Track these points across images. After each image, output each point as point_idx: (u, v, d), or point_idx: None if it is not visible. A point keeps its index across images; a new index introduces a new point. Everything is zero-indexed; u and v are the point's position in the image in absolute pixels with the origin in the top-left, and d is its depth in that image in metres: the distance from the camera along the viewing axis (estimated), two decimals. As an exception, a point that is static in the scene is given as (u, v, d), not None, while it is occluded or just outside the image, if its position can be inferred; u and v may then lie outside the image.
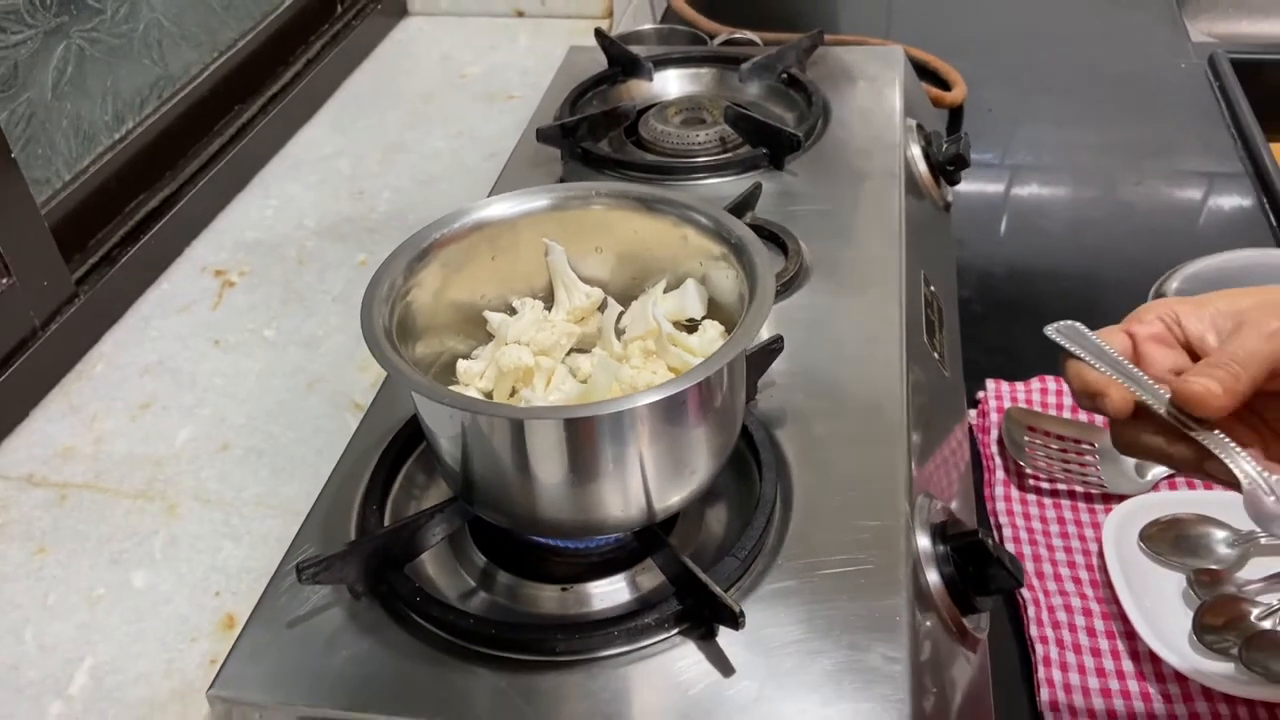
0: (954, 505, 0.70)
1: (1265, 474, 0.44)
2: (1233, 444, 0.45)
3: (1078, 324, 0.50)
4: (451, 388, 0.54)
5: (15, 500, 0.68)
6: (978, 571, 0.53)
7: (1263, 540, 0.67)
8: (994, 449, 0.76)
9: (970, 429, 0.79)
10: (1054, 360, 0.83)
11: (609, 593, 0.53)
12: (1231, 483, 0.45)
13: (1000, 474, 0.75)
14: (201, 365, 0.78)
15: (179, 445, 0.71)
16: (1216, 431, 0.45)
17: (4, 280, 0.73)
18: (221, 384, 0.76)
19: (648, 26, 1.22)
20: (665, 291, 0.57)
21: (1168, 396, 0.46)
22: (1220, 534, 0.67)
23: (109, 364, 0.78)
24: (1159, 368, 0.48)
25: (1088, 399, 0.48)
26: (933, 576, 0.53)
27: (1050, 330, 0.50)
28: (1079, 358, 0.48)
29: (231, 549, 0.64)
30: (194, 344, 0.80)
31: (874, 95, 0.90)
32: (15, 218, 0.74)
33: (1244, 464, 0.44)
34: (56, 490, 0.69)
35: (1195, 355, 0.48)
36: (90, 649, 0.59)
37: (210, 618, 0.60)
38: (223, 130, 0.98)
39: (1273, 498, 0.43)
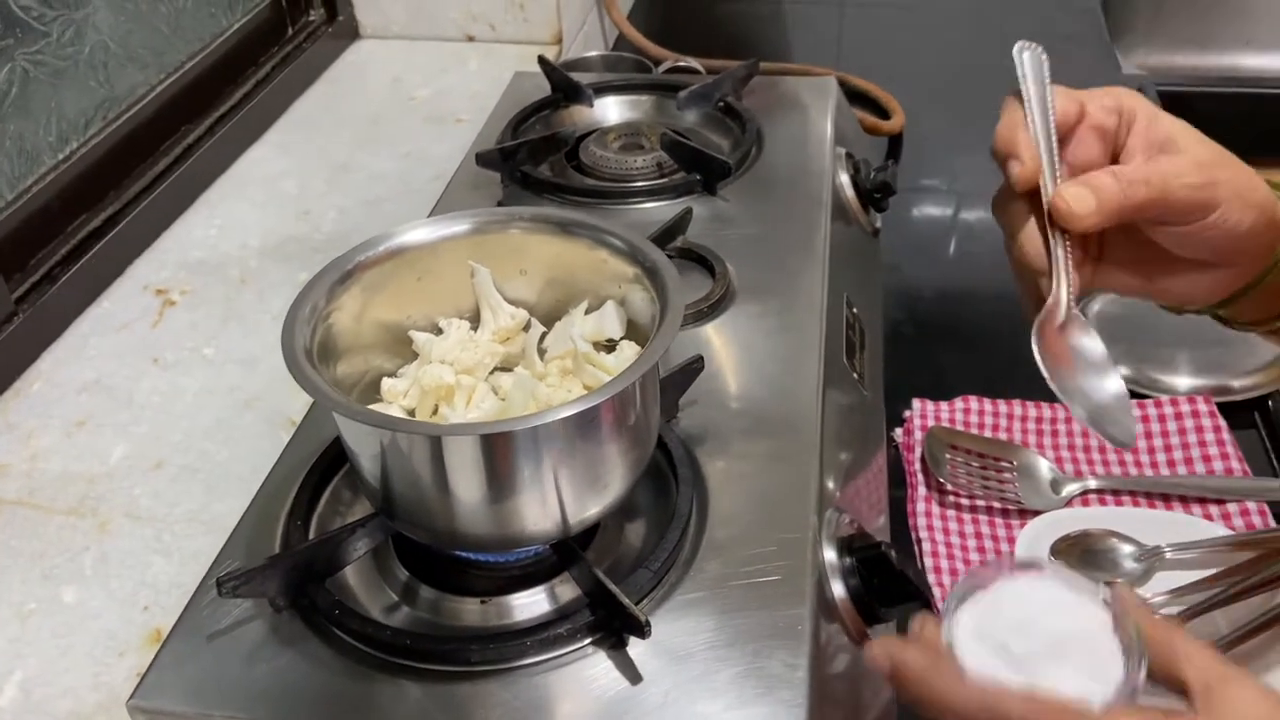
0: (880, 521, 0.72)
1: (1074, 308, 0.46)
2: (1067, 267, 0.47)
3: (1044, 54, 0.50)
4: (375, 406, 0.56)
5: (-52, 517, 0.69)
6: (882, 583, 0.55)
7: (1168, 555, 0.69)
8: (917, 466, 0.79)
9: (896, 447, 0.81)
10: (977, 381, 0.86)
11: (528, 605, 0.55)
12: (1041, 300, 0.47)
13: (923, 490, 0.77)
14: (139, 383, 0.79)
15: (113, 463, 0.72)
16: (1066, 243, 0.47)
17: (-59, 298, 0.74)
18: (159, 402, 0.77)
19: (595, 53, 1.25)
20: (586, 313, 0.59)
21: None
22: (1127, 549, 0.70)
23: (47, 382, 0.79)
24: (1080, 155, 0.49)
25: (1001, 153, 0.49)
26: (838, 588, 0.55)
27: (1017, 50, 0.50)
28: (1021, 105, 0.48)
29: (162, 565, 0.65)
30: (132, 362, 0.81)
31: (806, 124, 0.93)
32: (-46, 237, 0.75)
33: (1062, 291, 0.46)
34: (-10, 506, 0.69)
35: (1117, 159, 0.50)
36: (20, 662, 0.60)
37: (138, 632, 0.61)
38: (169, 150, 0.99)
39: (1060, 324, 0.45)
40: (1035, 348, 0.48)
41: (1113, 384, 0.47)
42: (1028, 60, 0.50)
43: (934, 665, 0.42)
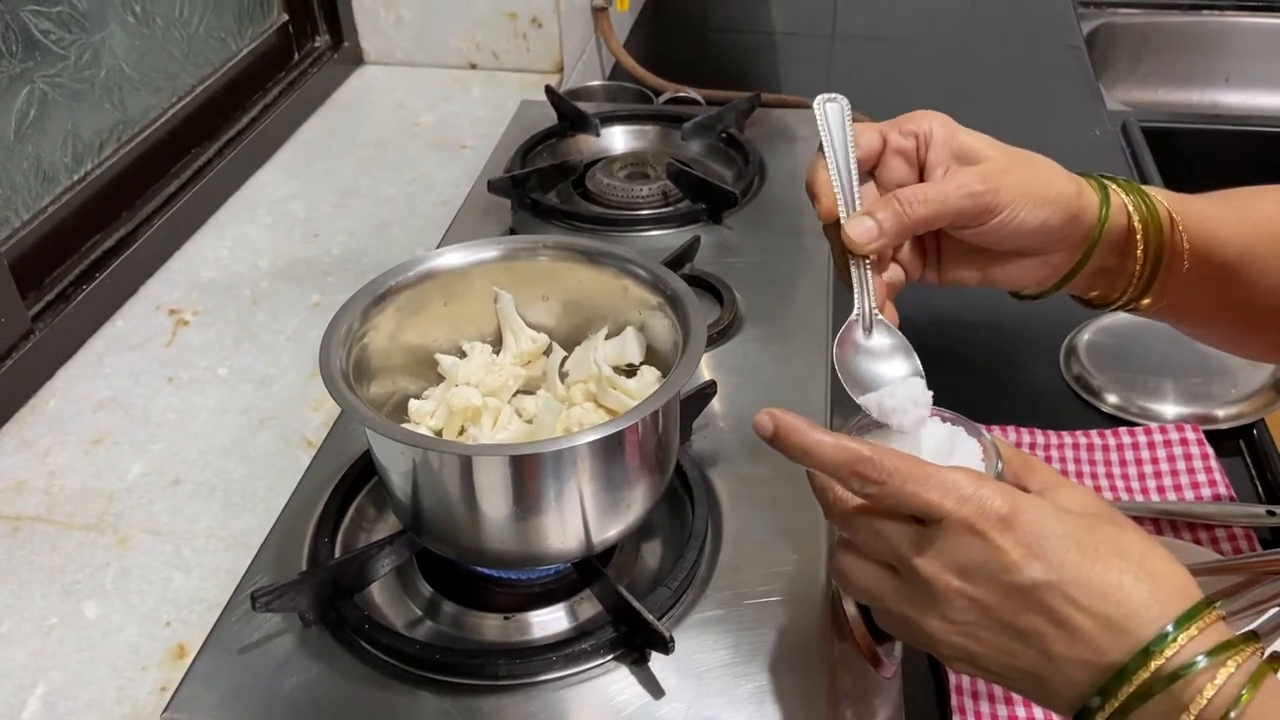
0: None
1: (876, 314, 0.53)
2: (868, 280, 0.54)
3: (845, 103, 0.56)
4: (402, 426, 0.57)
5: (-33, 532, 0.69)
6: (892, 602, 0.57)
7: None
8: (915, 490, 0.81)
9: (894, 471, 0.83)
10: (973, 407, 0.88)
11: (549, 621, 0.57)
12: None
13: (921, 514, 0.79)
14: (155, 401, 0.80)
15: (131, 479, 0.73)
16: (866, 262, 0.54)
17: (-38, 316, 0.75)
18: (174, 420, 0.78)
19: (596, 83, 1.28)
20: (606, 338, 0.61)
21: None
22: (1120, 571, 0.72)
23: (63, 399, 0.80)
24: (890, 178, 0.56)
25: (809, 193, 0.56)
26: (849, 607, 0.57)
27: (818, 104, 0.56)
28: (823, 153, 0.55)
29: (182, 580, 0.66)
30: (147, 381, 0.82)
31: (807, 155, 0.95)
32: (-25, 255, 0.76)
33: (866, 300, 0.53)
34: (9, 522, 0.70)
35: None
36: (43, 676, 0.60)
37: (161, 647, 0.62)
38: (180, 172, 1.00)
39: (862, 334, 0.53)
40: (835, 356, 0.54)
41: (905, 386, 0.52)
42: (830, 111, 0.56)
43: (810, 425, 0.46)
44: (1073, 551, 0.41)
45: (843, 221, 0.54)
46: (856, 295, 0.54)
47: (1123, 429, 0.85)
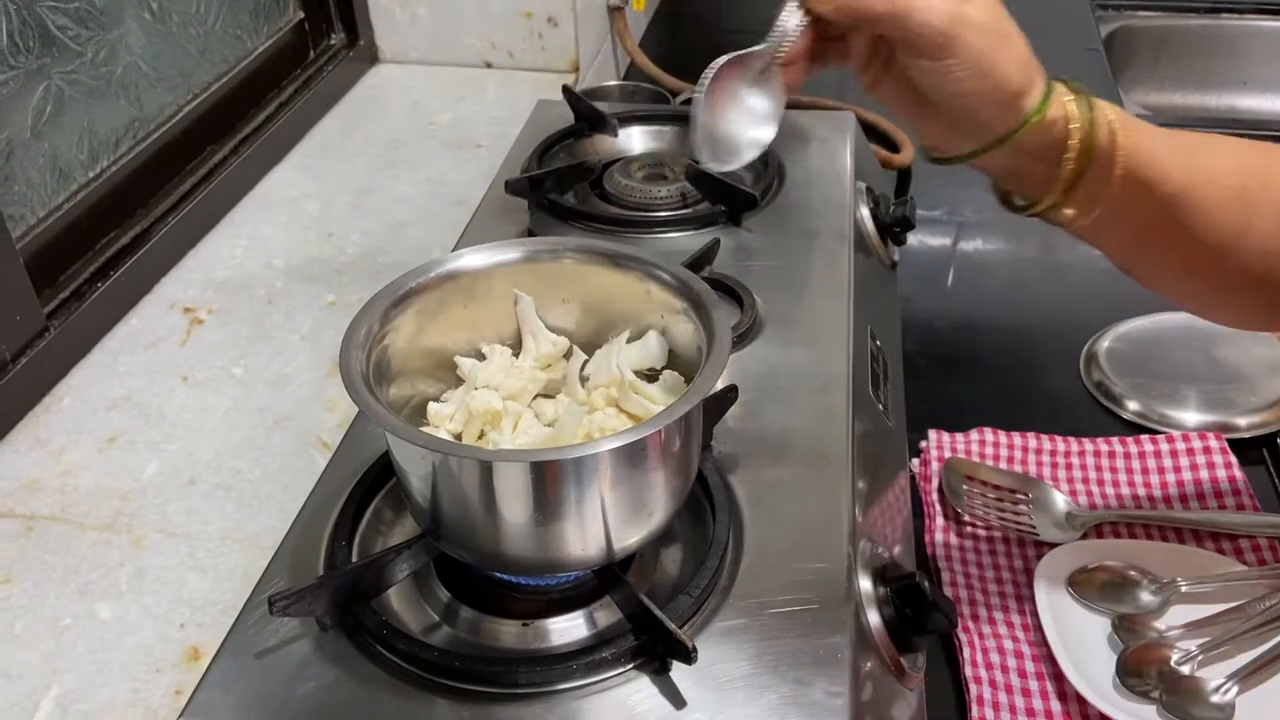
0: (896, 549, 0.73)
1: (788, 42, 0.52)
2: (797, 18, 0.53)
3: None
4: (422, 429, 0.57)
5: (-19, 531, 0.69)
6: (915, 613, 0.57)
7: (1184, 588, 0.71)
8: (935, 496, 0.80)
9: (913, 477, 0.83)
10: (990, 413, 0.88)
11: (567, 628, 0.56)
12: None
13: (940, 520, 0.79)
14: (169, 401, 0.79)
15: (146, 479, 0.73)
16: (805, 17, 0.54)
17: (-23, 313, 0.74)
18: (189, 420, 0.78)
19: (612, 83, 1.27)
20: (628, 342, 0.60)
21: None
22: (1144, 582, 0.71)
23: (77, 398, 0.80)
24: None
25: None
26: (873, 617, 0.56)
27: None
28: None
29: (197, 582, 0.66)
30: (162, 380, 0.81)
31: (826, 157, 0.95)
32: (-9, 253, 0.76)
33: (788, 23, 0.53)
34: (23, 522, 0.70)
35: None
36: (56, 678, 0.60)
37: (175, 649, 0.62)
38: (194, 170, 1.00)
39: (759, 72, 0.51)
40: (708, 73, 0.54)
41: (754, 131, 0.53)
42: None
43: None
44: None
45: None
46: (776, 29, 0.53)
47: (1145, 436, 0.84)
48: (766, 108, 0.52)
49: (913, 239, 1.14)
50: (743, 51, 0.52)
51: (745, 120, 0.52)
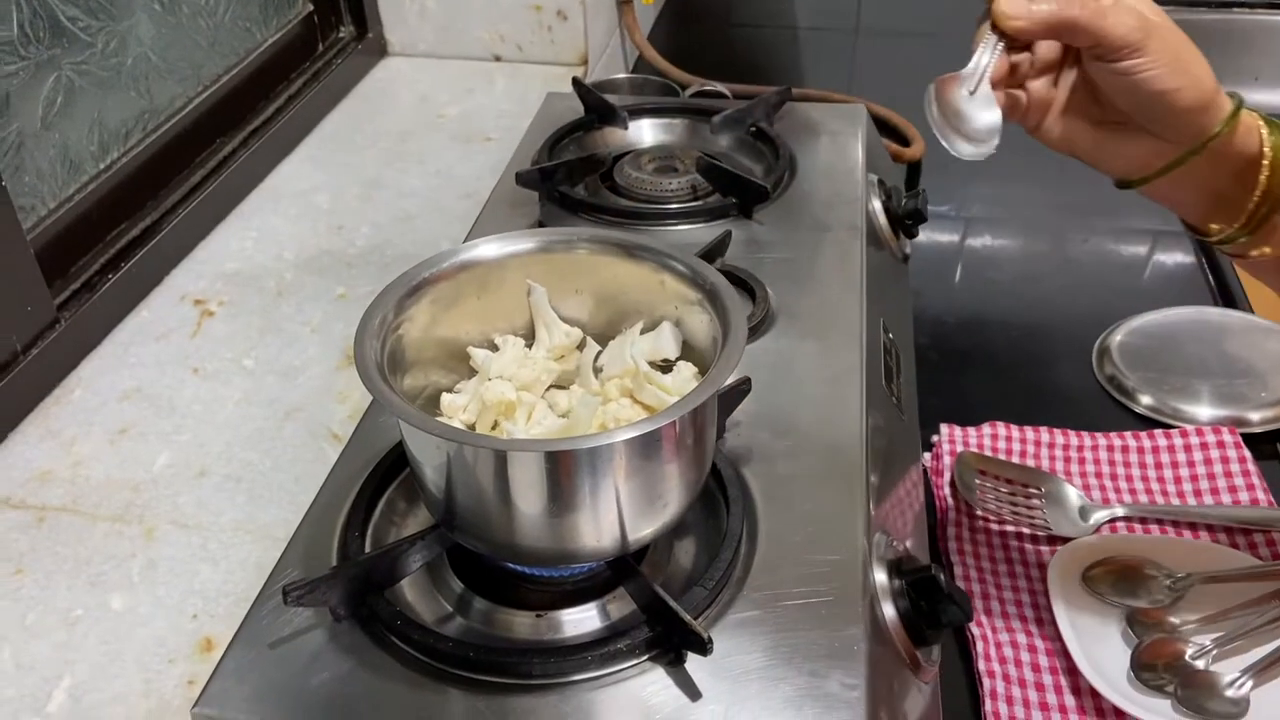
0: (909, 543, 0.73)
1: (986, 73, 0.55)
2: (995, 49, 0.56)
3: None
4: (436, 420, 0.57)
5: (-8, 521, 0.69)
6: (930, 606, 0.56)
7: (1198, 583, 0.70)
8: (947, 490, 0.80)
9: (925, 471, 0.82)
10: (1001, 408, 0.87)
11: (580, 620, 0.56)
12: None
13: (952, 514, 0.78)
14: (180, 392, 0.79)
15: (156, 470, 0.73)
16: (999, 44, 0.56)
17: (-12, 304, 0.74)
18: (200, 411, 0.78)
19: (620, 76, 1.26)
20: (641, 333, 0.60)
21: None
22: (1158, 576, 0.71)
23: (87, 389, 0.80)
24: None
25: None
26: (888, 609, 0.56)
27: None
28: None
29: (209, 573, 0.66)
30: (173, 371, 0.81)
31: (837, 150, 0.94)
32: (2, 243, 0.75)
33: (983, 57, 0.56)
34: (34, 513, 0.70)
35: None
36: (68, 668, 0.60)
37: (188, 640, 0.62)
38: (204, 162, 1.00)
39: (965, 91, 0.55)
40: (931, 92, 0.57)
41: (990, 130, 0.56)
42: None
43: None
44: None
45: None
46: (975, 59, 0.56)
47: (1158, 431, 0.83)
48: (988, 107, 0.57)
49: (921, 234, 1.14)
50: (946, 76, 0.57)
51: (975, 113, 0.56)
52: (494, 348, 0.61)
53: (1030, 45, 0.58)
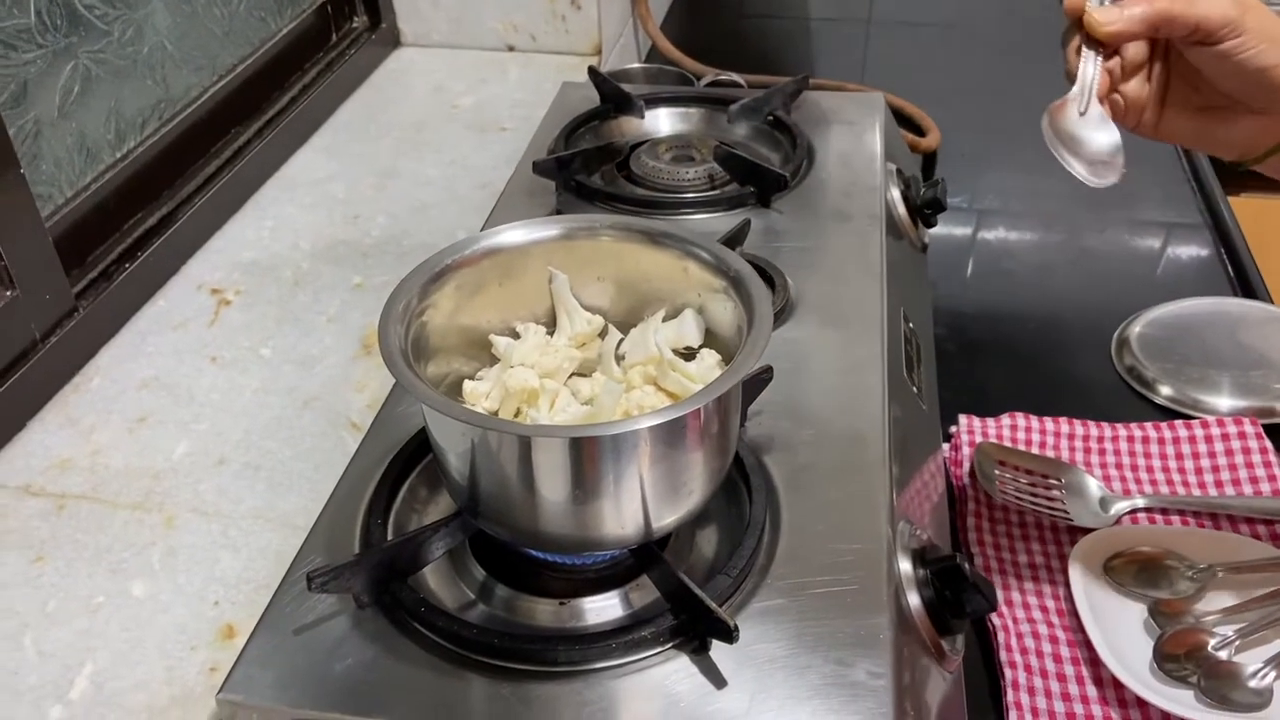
0: (930, 532, 0.73)
1: (1093, 89, 0.54)
2: (1095, 65, 0.55)
3: None
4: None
5: (13, 509, 0.69)
6: (955, 595, 0.56)
7: (1220, 573, 0.70)
8: (966, 481, 0.79)
9: (944, 461, 0.82)
10: (1020, 398, 0.87)
11: (603, 608, 0.56)
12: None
13: (972, 505, 0.78)
14: (198, 381, 0.79)
15: (176, 458, 0.73)
16: (1097, 56, 0.56)
17: (8, 293, 0.74)
18: (218, 400, 0.78)
19: (635, 65, 1.26)
20: (663, 321, 0.60)
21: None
22: (1180, 567, 0.71)
23: (106, 378, 0.80)
24: None
25: None
26: (913, 598, 0.56)
27: None
28: None
29: (230, 560, 0.66)
30: (190, 360, 0.81)
31: (855, 139, 0.94)
32: (21, 231, 0.75)
33: (1086, 71, 0.55)
34: (54, 500, 0.70)
35: None
36: (90, 655, 0.60)
37: (209, 627, 0.62)
38: (220, 152, 0.99)
39: (1080, 114, 0.54)
40: (1045, 123, 0.56)
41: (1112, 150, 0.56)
42: None
43: None
44: None
45: (1088, 7, 0.55)
46: (1079, 76, 0.56)
47: (1179, 422, 0.83)
48: (1104, 125, 0.57)
49: (939, 225, 1.14)
50: (1058, 101, 0.57)
51: (1091, 134, 0.56)
52: (515, 335, 0.60)
53: (1118, 50, 0.58)
